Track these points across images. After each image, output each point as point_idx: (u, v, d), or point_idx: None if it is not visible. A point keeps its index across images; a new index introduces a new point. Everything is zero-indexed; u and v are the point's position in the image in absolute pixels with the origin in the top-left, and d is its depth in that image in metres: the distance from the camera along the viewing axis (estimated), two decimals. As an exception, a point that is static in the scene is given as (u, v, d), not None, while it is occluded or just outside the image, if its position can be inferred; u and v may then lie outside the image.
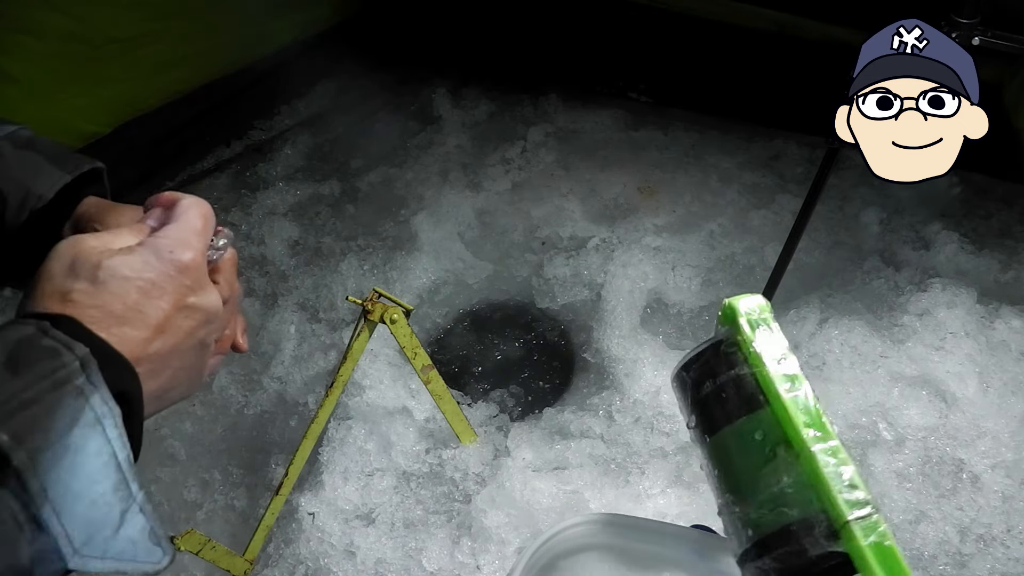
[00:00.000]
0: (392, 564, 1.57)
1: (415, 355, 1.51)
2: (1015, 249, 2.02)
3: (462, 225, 2.34)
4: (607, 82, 2.78)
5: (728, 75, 2.54)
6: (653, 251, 2.14)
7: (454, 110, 2.79)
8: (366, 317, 1.44)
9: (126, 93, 2.36)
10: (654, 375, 1.80)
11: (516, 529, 1.55)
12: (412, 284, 2.17)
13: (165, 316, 0.52)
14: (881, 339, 1.79)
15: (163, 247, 0.54)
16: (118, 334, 0.48)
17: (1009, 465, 1.59)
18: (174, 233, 0.56)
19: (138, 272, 0.51)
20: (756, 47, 2.35)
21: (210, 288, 0.57)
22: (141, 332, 0.50)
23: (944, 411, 1.68)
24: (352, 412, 1.80)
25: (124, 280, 0.50)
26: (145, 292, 0.51)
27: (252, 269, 2.32)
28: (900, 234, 2.13)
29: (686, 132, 2.57)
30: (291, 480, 1.52)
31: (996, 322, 1.80)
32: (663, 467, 1.64)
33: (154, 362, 0.51)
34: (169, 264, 0.53)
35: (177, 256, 0.53)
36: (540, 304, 2.15)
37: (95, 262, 0.50)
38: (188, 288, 0.54)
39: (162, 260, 0.53)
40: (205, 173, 2.69)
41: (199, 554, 1.42)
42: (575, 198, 2.38)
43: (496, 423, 1.83)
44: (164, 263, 0.53)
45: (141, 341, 0.50)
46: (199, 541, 1.41)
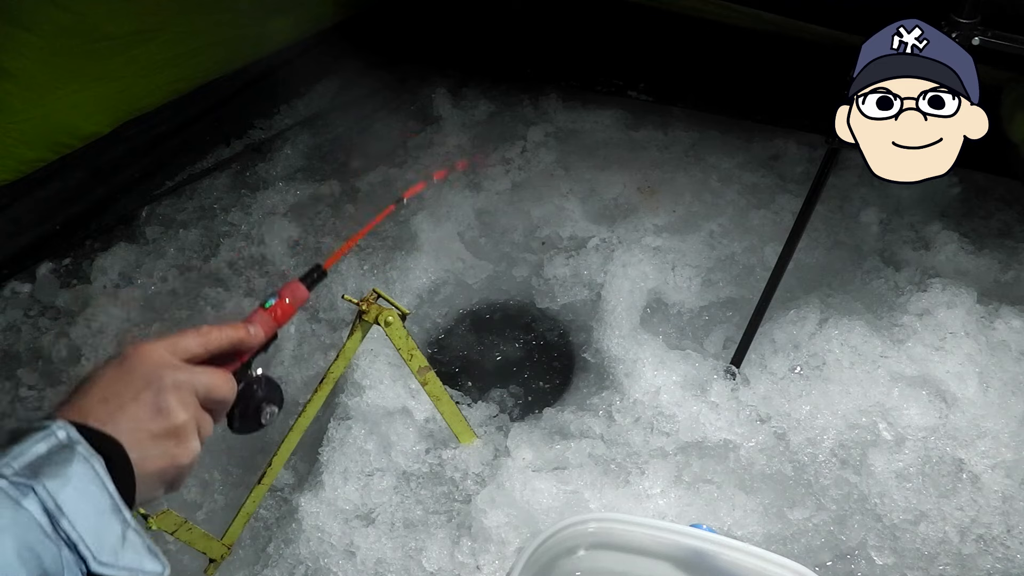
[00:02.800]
0: (392, 564, 1.57)
1: (411, 357, 1.51)
2: (1015, 249, 2.02)
3: (462, 225, 2.34)
4: (607, 81, 2.78)
5: (728, 75, 2.54)
6: (653, 251, 2.14)
7: (454, 110, 2.79)
8: (361, 317, 1.44)
9: (125, 91, 2.36)
10: (654, 375, 1.80)
11: (516, 529, 1.55)
12: (412, 284, 2.17)
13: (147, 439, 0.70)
14: (881, 339, 1.79)
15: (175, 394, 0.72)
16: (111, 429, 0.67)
17: (1009, 465, 1.59)
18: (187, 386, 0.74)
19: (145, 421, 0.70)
20: (756, 47, 2.35)
21: (193, 443, 0.73)
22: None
23: (944, 411, 1.68)
24: (352, 412, 1.80)
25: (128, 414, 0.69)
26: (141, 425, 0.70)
27: (252, 269, 2.33)
28: (900, 234, 2.13)
29: (686, 132, 2.57)
30: (274, 471, 1.52)
31: (996, 322, 1.80)
32: (663, 467, 1.64)
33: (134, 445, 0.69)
34: (166, 419, 0.70)
35: (174, 418, 0.71)
36: (540, 304, 2.14)
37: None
38: (174, 442, 0.71)
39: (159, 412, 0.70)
40: (205, 173, 2.70)
41: (175, 534, 1.42)
42: (575, 198, 2.38)
43: (496, 423, 1.83)
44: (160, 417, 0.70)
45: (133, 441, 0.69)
46: (175, 521, 1.41)
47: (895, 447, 1.64)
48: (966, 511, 1.54)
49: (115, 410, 0.68)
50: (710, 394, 1.76)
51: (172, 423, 0.70)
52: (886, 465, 1.61)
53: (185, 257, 2.40)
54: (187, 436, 0.72)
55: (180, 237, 2.46)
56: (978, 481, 1.57)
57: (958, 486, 1.58)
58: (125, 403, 0.69)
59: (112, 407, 0.68)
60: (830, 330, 1.81)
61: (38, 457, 0.59)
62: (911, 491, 1.58)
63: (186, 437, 0.72)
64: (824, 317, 1.85)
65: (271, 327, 0.92)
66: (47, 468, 0.58)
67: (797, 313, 1.88)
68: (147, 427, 0.69)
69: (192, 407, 0.73)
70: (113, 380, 0.70)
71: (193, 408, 0.73)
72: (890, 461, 1.62)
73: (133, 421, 0.68)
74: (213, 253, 2.39)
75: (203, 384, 0.75)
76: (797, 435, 1.69)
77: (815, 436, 1.68)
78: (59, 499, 0.57)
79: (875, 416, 1.68)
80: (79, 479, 0.59)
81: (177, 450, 0.71)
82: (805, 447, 1.67)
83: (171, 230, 2.49)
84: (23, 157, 2.22)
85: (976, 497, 1.56)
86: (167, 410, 0.70)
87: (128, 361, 0.71)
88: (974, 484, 1.57)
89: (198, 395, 0.74)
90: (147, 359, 0.72)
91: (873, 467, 1.61)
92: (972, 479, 1.58)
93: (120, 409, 0.68)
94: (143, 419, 0.69)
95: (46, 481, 0.57)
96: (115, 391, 0.69)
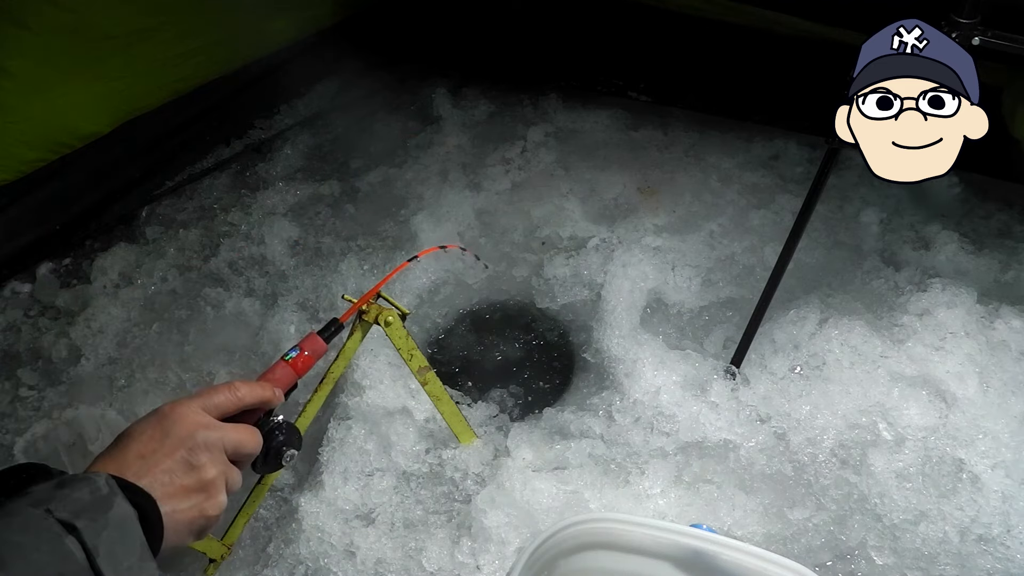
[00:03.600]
0: (392, 564, 1.57)
1: (411, 357, 1.51)
2: (1015, 249, 2.02)
3: (462, 225, 2.34)
4: (607, 82, 2.78)
5: (728, 75, 2.54)
6: (653, 251, 2.14)
7: (454, 110, 2.79)
8: (361, 317, 1.44)
9: (125, 91, 2.35)
10: (654, 375, 1.80)
11: (516, 529, 1.55)
12: (412, 284, 2.17)
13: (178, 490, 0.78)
14: (881, 339, 1.79)
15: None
16: (145, 483, 0.74)
17: (1009, 465, 1.59)
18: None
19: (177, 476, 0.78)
20: (756, 47, 2.35)
21: (221, 497, 0.81)
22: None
23: (944, 411, 1.68)
24: (352, 412, 1.80)
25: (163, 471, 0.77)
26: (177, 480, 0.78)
27: (252, 269, 2.33)
28: (900, 234, 2.13)
29: (686, 132, 2.57)
30: None
31: (996, 322, 1.80)
32: (663, 467, 1.64)
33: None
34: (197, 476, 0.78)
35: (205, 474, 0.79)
36: (540, 304, 2.14)
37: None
38: (204, 496, 0.79)
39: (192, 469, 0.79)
40: (205, 173, 2.70)
41: None
42: (575, 198, 2.38)
43: (496, 423, 1.83)
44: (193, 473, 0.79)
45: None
46: None
47: (895, 447, 1.64)
48: (966, 511, 1.54)
49: (152, 466, 0.75)
50: (710, 394, 1.76)
51: (203, 479, 0.78)
52: (886, 465, 1.61)
53: (185, 257, 2.40)
54: (216, 491, 0.80)
55: (180, 237, 2.46)
56: (978, 481, 1.57)
57: (958, 486, 1.58)
58: (160, 459, 0.76)
59: (149, 463, 0.76)
60: (830, 330, 1.81)
61: (82, 503, 0.65)
62: (911, 491, 1.58)
63: (215, 492, 0.79)
64: (824, 317, 1.86)
65: (292, 378, 1.08)
66: (89, 512, 0.64)
67: (797, 313, 1.88)
68: (180, 482, 0.76)
69: (221, 463, 0.81)
70: (150, 438, 0.77)
71: (222, 464, 0.81)
72: (890, 461, 1.62)
73: (167, 475, 0.76)
74: (213, 253, 2.39)
75: (232, 441, 0.83)
76: (797, 435, 1.69)
77: (815, 436, 1.68)
78: (97, 540, 0.63)
79: (875, 416, 1.68)
80: (115, 526, 0.65)
81: (207, 504, 0.79)
82: (805, 447, 1.67)
83: (171, 230, 2.49)
84: (23, 157, 2.22)
85: (976, 497, 1.56)
86: (199, 467, 0.78)
87: (165, 420, 0.79)
88: (974, 484, 1.57)
89: (227, 451, 0.82)
90: (182, 419, 0.79)
91: (873, 467, 1.61)
92: (972, 479, 1.58)
93: (156, 465, 0.76)
94: (176, 474, 0.77)
95: (88, 523, 0.63)
96: (151, 448, 0.77)
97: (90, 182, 2.45)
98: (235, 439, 0.83)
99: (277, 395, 0.95)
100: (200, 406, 0.83)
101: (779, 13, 2.14)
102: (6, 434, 1.95)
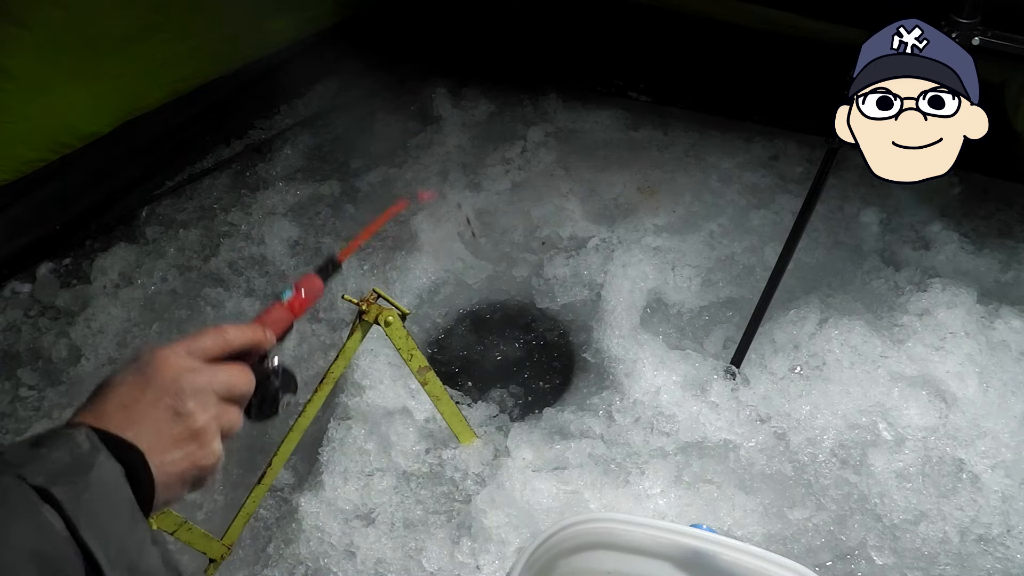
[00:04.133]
0: (392, 564, 1.57)
1: (411, 357, 1.51)
2: (1015, 249, 2.02)
3: (462, 225, 2.34)
4: (607, 82, 2.78)
5: (728, 75, 2.54)
6: (653, 251, 2.14)
7: (454, 110, 2.79)
8: (361, 317, 1.44)
9: (125, 91, 2.35)
10: (654, 375, 1.80)
11: (516, 529, 1.55)
12: (412, 284, 2.17)
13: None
14: (881, 339, 1.79)
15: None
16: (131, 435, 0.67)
17: (1009, 465, 1.59)
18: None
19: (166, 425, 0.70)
20: (756, 47, 2.35)
21: (214, 445, 0.73)
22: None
23: (944, 411, 1.68)
24: (352, 412, 1.80)
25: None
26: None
27: (252, 269, 2.32)
28: (900, 234, 2.13)
29: (686, 132, 2.57)
30: (274, 471, 1.52)
31: (996, 322, 1.80)
32: (663, 467, 1.64)
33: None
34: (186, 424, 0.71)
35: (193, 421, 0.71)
36: (540, 304, 2.14)
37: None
38: (196, 445, 0.72)
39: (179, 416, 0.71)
40: (205, 173, 2.70)
41: (175, 534, 1.42)
42: (575, 198, 2.38)
43: (496, 423, 1.83)
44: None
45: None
46: (175, 521, 1.41)
47: (895, 447, 1.64)
48: (966, 511, 1.54)
49: (136, 416, 0.68)
50: (710, 394, 1.76)
51: (192, 427, 0.71)
52: (886, 465, 1.61)
53: (185, 257, 2.40)
54: (208, 438, 0.72)
55: (180, 237, 2.46)
56: (978, 481, 1.57)
57: (958, 486, 1.58)
58: (145, 409, 0.69)
59: (132, 413, 0.68)
60: (830, 330, 1.81)
61: (60, 464, 0.59)
62: (911, 491, 1.58)
63: (207, 440, 0.72)
64: (824, 317, 1.86)
65: (288, 319, 0.93)
66: (67, 475, 0.58)
67: (797, 313, 1.88)
68: (168, 431, 0.69)
69: (213, 408, 0.73)
70: (132, 386, 0.70)
71: (214, 408, 0.73)
72: (890, 461, 1.62)
73: (153, 425, 0.69)
74: (213, 253, 2.39)
75: (222, 383, 0.75)
76: (797, 435, 1.69)
77: (815, 436, 1.68)
78: (77, 507, 0.57)
79: (875, 416, 1.68)
80: (98, 488, 0.60)
81: (199, 453, 0.71)
82: (805, 447, 1.67)
83: (171, 230, 2.49)
84: (23, 157, 2.22)
85: (976, 497, 1.56)
86: (187, 414, 0.71)
87: (147, 367, 0.71)
88: (974, 484, 1.57)
89: (218, 394, 0.74)
90: (165, 363, 0.72)
91: (873, 467, 1.61)
92: (972, 479, 1.58)
93: (141, 415, 0.68)
94: (163, 424, 0.69)
95: (66, 488, 0.57)
96: (134, 397, 0.69)
97: (90, 182, 2.45)
98: (225, 380, 0.75)
99: (269, 337, 0.86)
100: (185, 350, 0.74)
101: (779, 12, 2.14)
102: (6, 434, 1.95)
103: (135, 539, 0.61)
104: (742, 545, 1.12)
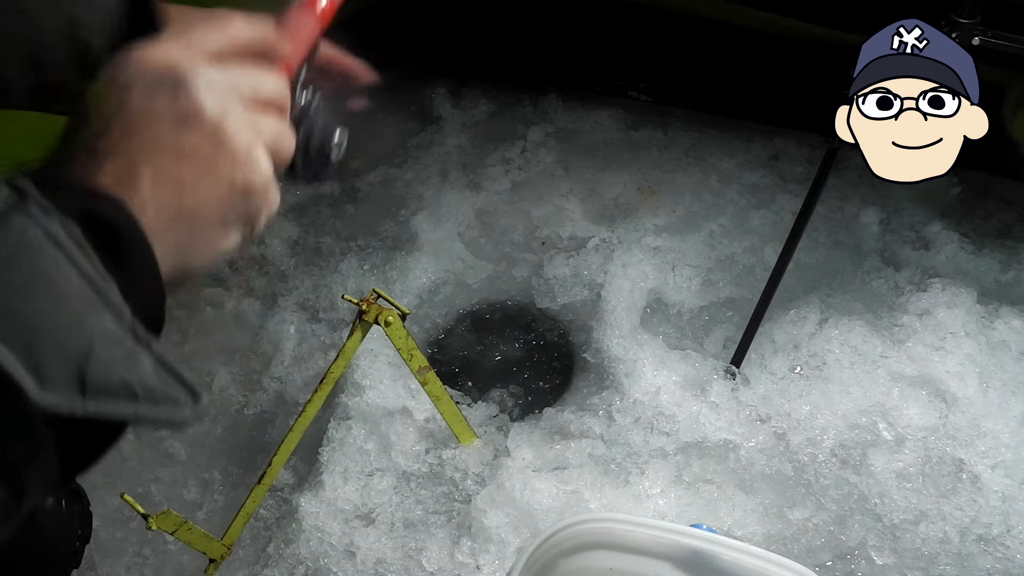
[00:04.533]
0: (392, 564, 1.57)
1: (411, 357, 1.51)
2: (1015, 249, 2.02)
3: (462, 225, 2.34)
4: (607, 82, 2.78)
5: (728, 75, 2.54)
6: (653, 251, 2.14)
7: (454, 110, 2.79)
8: (361, 317, 1.44)
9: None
10: (654, 375, 1.80)
11: (516, 529, 1.55)
12: (412, 284, 2.17)
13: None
14: (881, 339, 1.79)
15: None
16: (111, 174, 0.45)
17: (1009, 465, 1.59)
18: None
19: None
20: (756, 47, 2.35)
21: (256, 151, 0.48)
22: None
23: (944, 411, 1.68)
24: (352, 412, 1.80)
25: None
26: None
27: (252, 269, 2.32)
28: (900, 234, 2.13)
29: (686, 132, 2.57)
30: (274, 471, 1.52)
31: (996, 322, 1.80)
32: (663, 467, 1.64)
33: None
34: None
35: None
36: (540, 304, 2.14)
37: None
38: (229, 162, 0.48)
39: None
40: (205, 173, 2.69)
41: (175, 534, 1.41)
42: (575, 198, 2.38)
43: (496, 423, 1.83)
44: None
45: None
46: (175, 521, 1.40)
47: (895, 447, 1.64)
48: (966, 511, 1.54)
49: (114, 142, 0.45)
50: (710, 394, 1.76)
51: (213, 132, 0.46)
52: (886, 465, 1.61)
53: (185, 257, 2.40)
54: (242, 144, 0.48)
55: (180, 237, 2.46)
56: (978, 481, 1.58)
57: (958, 486, 1.58)
58: (126, 128, 0.45)
59: (106, 141, 0.46)
60: (830, 330, 1.81)
61: None
62: (911, 491, 1.58)
63: (240, 146, 0.47)
64: (824, 317, 1.86)
65: (311, 28, 0.63)
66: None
67: (797, 313, 1.88)
68: (171, 147, 0.46)
69: (236, 106, 0.48)
70: (106, 106, 0.46)
71: (239, 109, 0.48)
72: (890, 461, 1.62)
73: (145, 145, 0.45)
74: (213, 253, 2.38)
75: (244, 80, 0.49)
76: (797, 435, 1.69)
77: (815, 436, 1.68)
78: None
79: (875, 416, 1.68)
80: (31, 260, 0.39)
81: (236, 169, 0.47)
82: (805, 447, 1.67)
83: (171, 230, 2.49)
84: (23, 157, 2.22)
85: (976, 497, 1.56)
86: (198, 113, 0.46)
87: (122, 72, 0.46)
88: (974, 484, 1.57)
89: (241, 93, 0.49)
90: (150, 57, 0.47)
91: (873, 467, 1.61)
92: (972, 479, 1.58)
93: (122, 135, 0.45)
94: (163, 138, 0.45)
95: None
96: (108, 120, 0.46)
97: (90, 182, 2.44)
98: (245, 77, 0.49)
99: (284, 42, 0.57)
100: (175, 46, 0.47)
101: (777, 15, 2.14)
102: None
103: (89, 330, 0.40)
104: (742, 545, 1.12)
